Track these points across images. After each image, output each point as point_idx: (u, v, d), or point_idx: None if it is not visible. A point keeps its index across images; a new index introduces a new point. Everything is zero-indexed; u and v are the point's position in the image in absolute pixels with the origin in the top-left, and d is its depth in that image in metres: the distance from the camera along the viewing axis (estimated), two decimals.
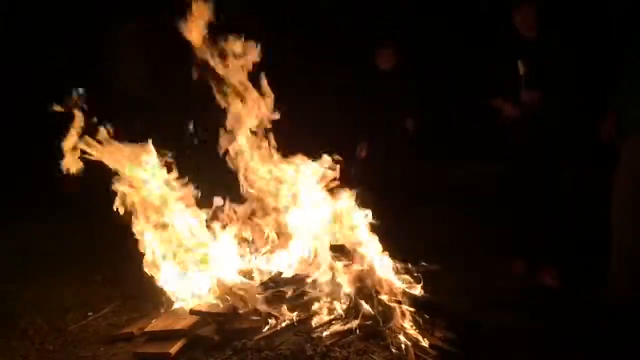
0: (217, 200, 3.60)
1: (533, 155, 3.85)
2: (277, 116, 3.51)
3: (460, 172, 5.37)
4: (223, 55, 3.39)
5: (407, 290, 3.19)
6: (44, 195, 5.54)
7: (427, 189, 4.99)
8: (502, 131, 4.00)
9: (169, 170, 3.50)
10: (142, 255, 3.39)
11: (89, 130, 3.34)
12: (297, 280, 3.21)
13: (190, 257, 3.43)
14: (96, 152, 3.33)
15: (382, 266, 3.23)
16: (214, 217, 3.57)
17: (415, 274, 3.28)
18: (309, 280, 3.19)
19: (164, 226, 3.41)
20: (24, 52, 6.10)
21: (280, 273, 3.31)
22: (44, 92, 6.01)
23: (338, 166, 3.49)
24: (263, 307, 3.05)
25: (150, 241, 3.39)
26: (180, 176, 3.53)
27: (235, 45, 3.38)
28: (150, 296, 3.50)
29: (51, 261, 4.28)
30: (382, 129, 4.96)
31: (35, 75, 6.13)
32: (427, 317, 3.02)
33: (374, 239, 3.36)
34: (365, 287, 3.09)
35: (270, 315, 3.01)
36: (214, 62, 3.39)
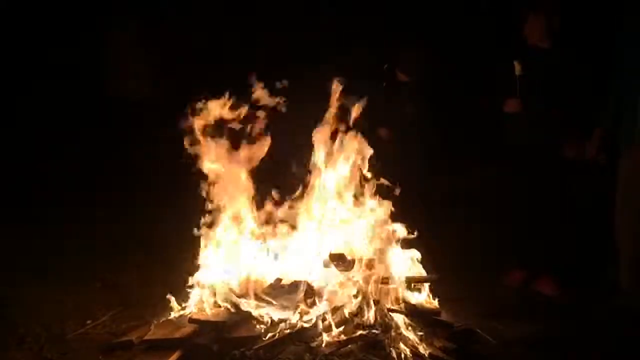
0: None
1: (531, 159, 3.83)
2: None
3: (459, 176, 5.34)
4: None
5: (408, 299, 3.19)
6: (42, 197, 5.50)
7: (427, 194, 4.94)
8: (501, 134, 3.99)
9: None
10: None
11: None
12: (297, 288, 3.20)
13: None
14: None
15: (383, 274, 3.21)
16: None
17: (416, 283, 3.28)
18: (308, 287, 3.18)
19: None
20: (23, 52, 6.07)
21: (280, 280, 3.29)
22: (44, 91, 6.06)
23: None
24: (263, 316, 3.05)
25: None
26: None
27: None
28: (150, 303, 3.50)
29: (50, 266, 4.25)
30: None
31: (35, 75, 6.09)
32: (427, 326, 3.01)
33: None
34: (366, 296, 3.08)
35: (269, 324, 3.01)
36: None
